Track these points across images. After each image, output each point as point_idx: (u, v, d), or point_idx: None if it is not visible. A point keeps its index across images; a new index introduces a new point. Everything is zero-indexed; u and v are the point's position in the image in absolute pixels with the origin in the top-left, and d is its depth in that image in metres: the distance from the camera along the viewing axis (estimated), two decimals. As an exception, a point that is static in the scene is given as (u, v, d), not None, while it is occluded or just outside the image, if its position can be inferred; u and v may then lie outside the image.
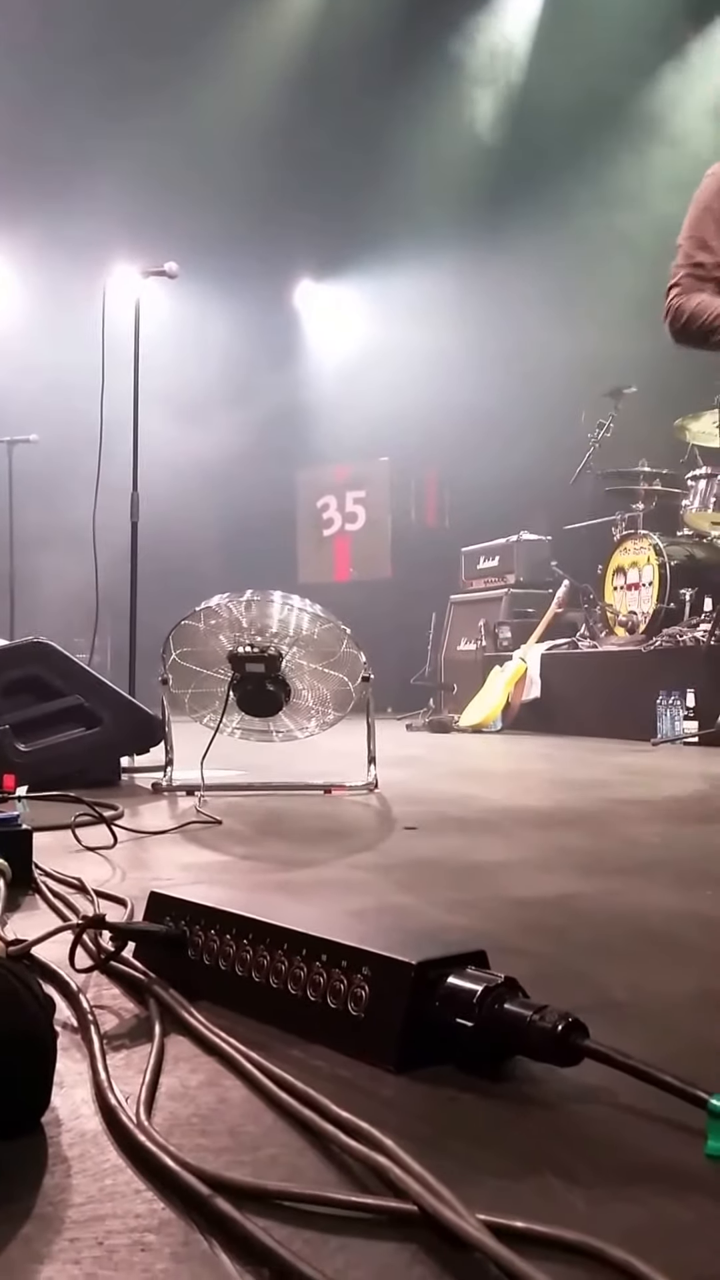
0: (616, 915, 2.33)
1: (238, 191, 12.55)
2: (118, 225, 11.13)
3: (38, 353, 12.10)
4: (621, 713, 8.37)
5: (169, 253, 6.93)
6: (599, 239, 11.55)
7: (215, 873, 2.81)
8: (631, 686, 8.39)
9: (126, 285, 6.98)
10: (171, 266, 6.76)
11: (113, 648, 9.71)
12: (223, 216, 12.50)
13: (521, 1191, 1.06)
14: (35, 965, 1.72)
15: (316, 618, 4.58)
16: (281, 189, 12.80)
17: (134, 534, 6.58)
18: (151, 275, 6.87)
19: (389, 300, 13.90)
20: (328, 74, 12.17)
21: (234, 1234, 0.95)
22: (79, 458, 7.17)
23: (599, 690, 8.95)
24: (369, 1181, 1.06)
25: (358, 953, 1.43)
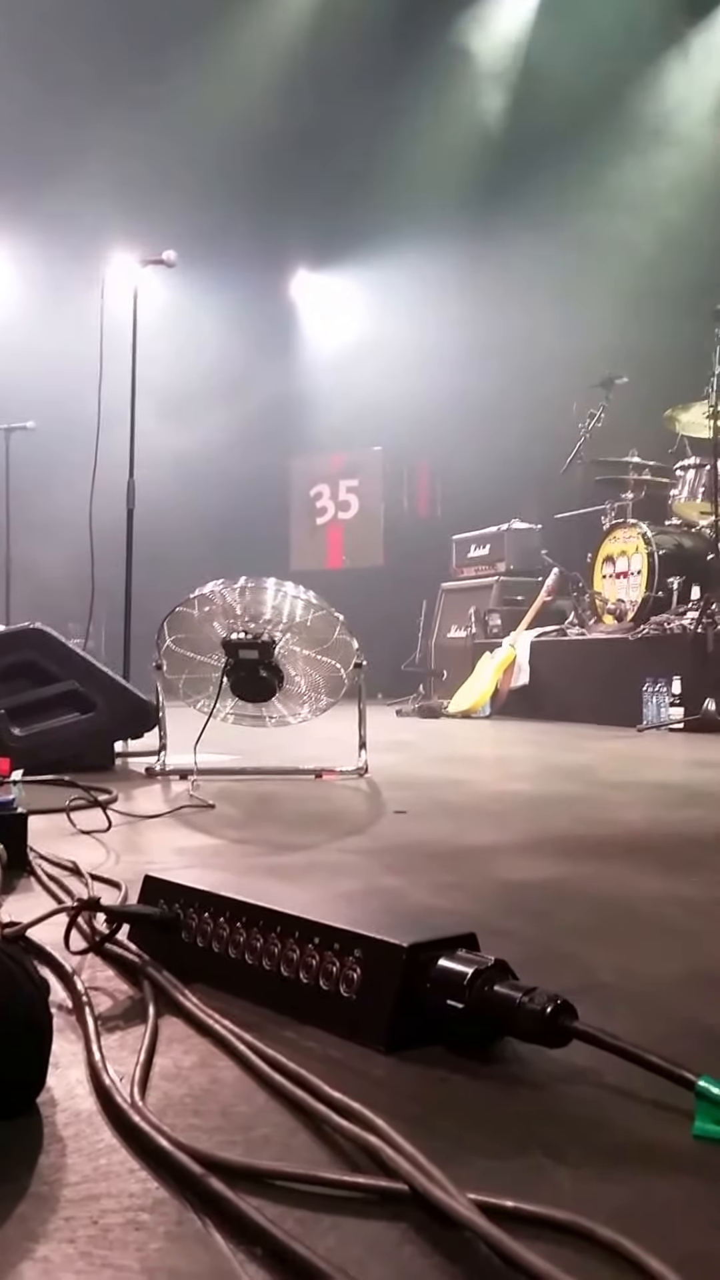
0: (603, 898, 2.34)
1: (235, 182, 12.55)
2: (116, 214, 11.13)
3: (35, 340, 12.09)
4: (608, 699, 8.42)
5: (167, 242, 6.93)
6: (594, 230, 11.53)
7: (208, 856, 2.82)
8: (618, 673, 8.43)
9: (124, 274, 6.97)
10: (170, 255, 6.75)
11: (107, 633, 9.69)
12: (220, 206, 12.50)
13: (510, 1171, 1.07)
14: (30, 947, 1.73)
15: (310, 605, 4.59)
16: (279, 179, 12.80)
17: (129, 521, 6.58)
18: (150, 264, 6.86)
19: (384, 291, 13.89)
20: (326, 64, 12.15)
21: (227, 1213, 0.96)
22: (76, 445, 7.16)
23: (587, 677, 8.98)
24: (360, 1161, 1.07)
25: (350, 935, 1.44)
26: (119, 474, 6.57)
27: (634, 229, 11.29)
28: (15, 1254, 0.91)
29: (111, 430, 6.60)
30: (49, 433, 10.74)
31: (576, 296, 11.48)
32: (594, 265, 11.42)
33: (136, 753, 5.09)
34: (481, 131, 12.52)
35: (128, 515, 6.58)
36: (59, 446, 9.64)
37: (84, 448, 6.67)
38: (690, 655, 7.93)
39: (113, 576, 6.57)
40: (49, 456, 10.56)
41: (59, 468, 9.34)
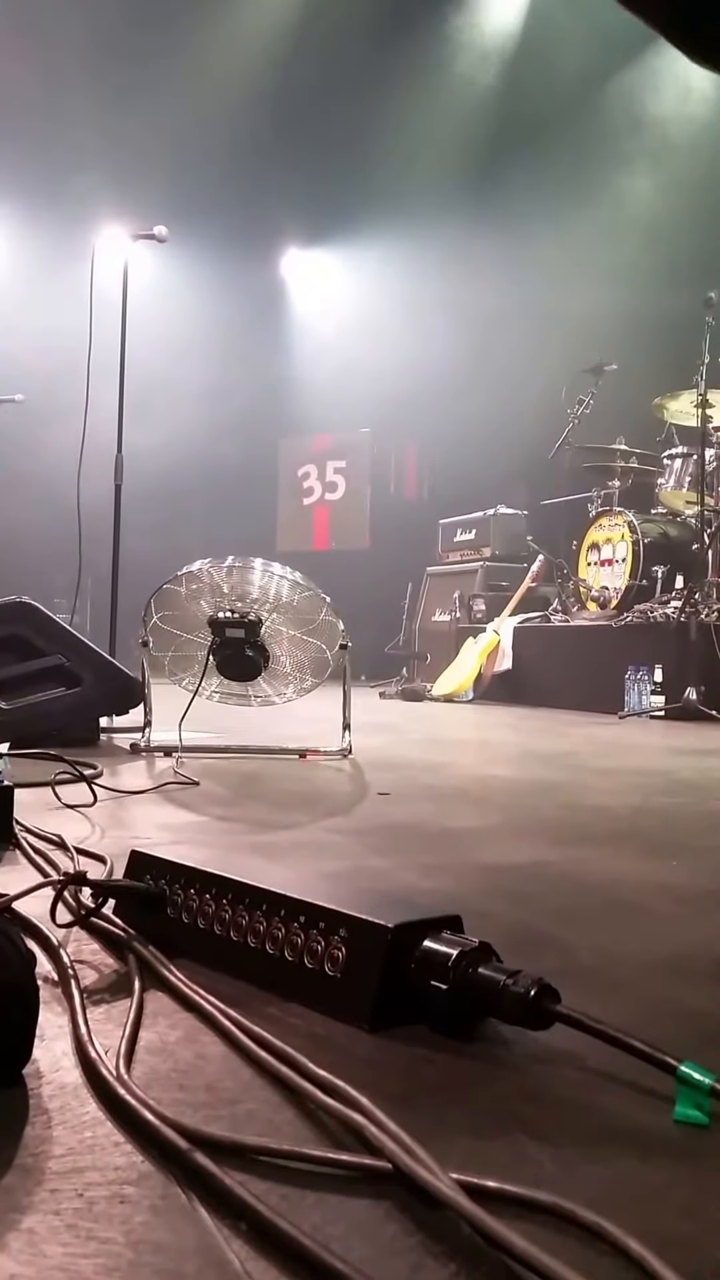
0: (585, 882, 2.36)
1: (227, 158, 12.52)
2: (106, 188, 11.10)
3: (24, 314, 12.06)
4: (590, 686, 8.44)
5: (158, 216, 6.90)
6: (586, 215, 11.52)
7: (193, 833, 2.83)
8: (601, 660, 8.45)
9: (115, 248, 6.94)
10: (161, 230, 6.73)
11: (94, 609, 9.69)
12: (212, 182, 12.47)
13: (492, 1151, 1.08)
14: (16, 919, 1.74)
15: (297, 585, 4.59)
16: (270, 157, 12.76)
17: (117, 496, 6.57)
18: (140, 239, 6.83)
19: (375, 271, 13.87)
20: (319, 41, 12.09)
21: (212, 1188, 0.97)
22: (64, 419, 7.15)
23: (569, 663, 9.01)
24: (344, 1138, 1.07)
25: (335, 915, 1.45)
26: (107, 449, 6.55)
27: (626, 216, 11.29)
28: (1, 1224, 0.91)
29: (100, 405, 6.58)
30: (37, 406, 10.70)
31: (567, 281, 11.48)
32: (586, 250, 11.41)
33: (121, 728, 5.09)
34: (475, 111, 12.49)
35: (115, 491, 6.57)
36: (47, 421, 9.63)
37: (72, 422, 6.66)
38: (673, 644, 7.96)
39: (100, 552, 6.56)
40: (36, 430, 10.55)
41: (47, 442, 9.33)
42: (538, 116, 11.77)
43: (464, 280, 12.34)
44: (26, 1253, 0.87)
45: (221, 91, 12.07)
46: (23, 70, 11.34)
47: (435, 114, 12.61)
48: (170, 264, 11.84)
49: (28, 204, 12.39)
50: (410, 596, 12.20)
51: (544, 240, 11.65)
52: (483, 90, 12.54)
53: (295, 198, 13.47)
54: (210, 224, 12.27)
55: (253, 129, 12.40)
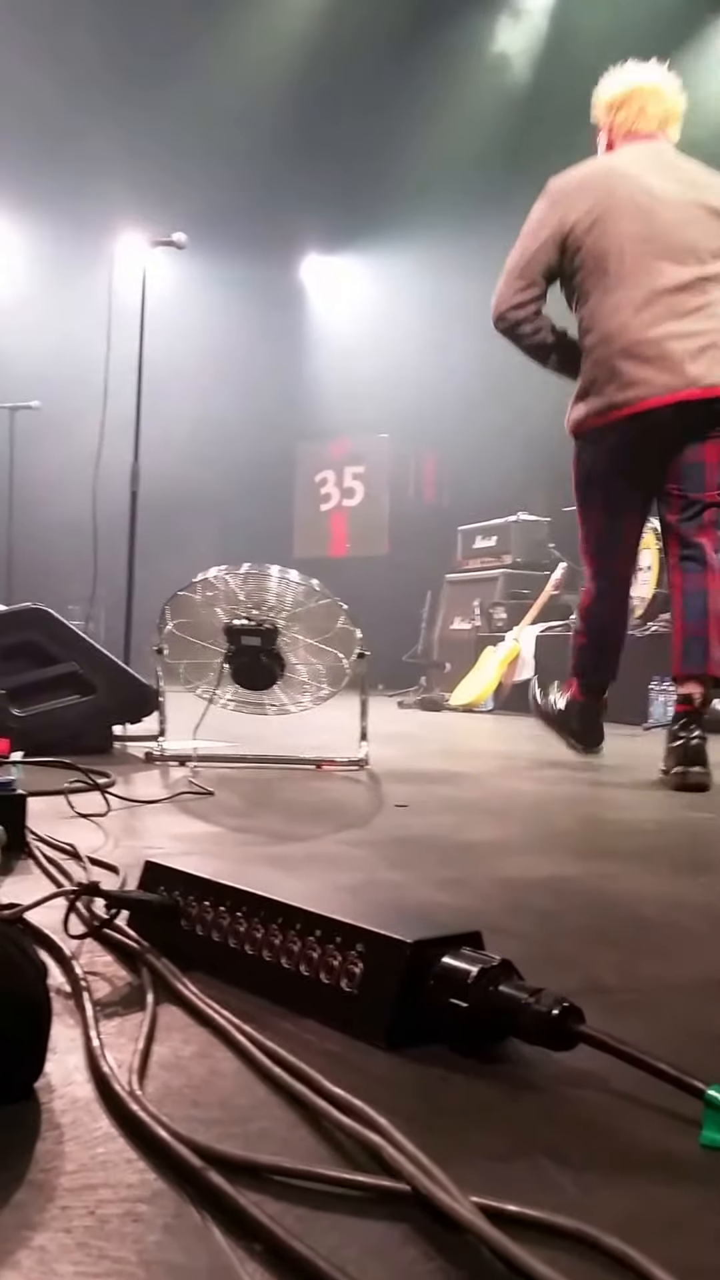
0: (609, 899, 2.33)
1: (246, 163, 12.53)
2: (125, 195, 11.14)
3: (43, 320, 12.10)
4: (614, 696, 8.34)
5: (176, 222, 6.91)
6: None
7: (208, 844, 2.81)
8: (625, 671, 8.34)
9: (133, 254, 6.96)
10: (180, 237, 6.75)
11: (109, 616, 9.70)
12: (231, 187, 12.48)
13: (513, 1174, 1.05)
14: (29, 930, 1.72)
15: (313, 592, 4.58)
16: (290, 162, 12.77)
17: (133, 503, 6.58)
18: (159, 245, 6.85)
19: (394, 276, 13.88)
20: (338, 45, 12.09)
21: (226, 1208, 0.95)
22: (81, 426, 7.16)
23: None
24: (361, 1159, 1.05)
25: (352, 929, 1.42)
26: (123, 456, 6.56)
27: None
28: (12, 1242, 0.89)
29: (117, 412, 6.59)
30: (54, 413, 10.74)
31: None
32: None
33: (135, 737, 5.09)
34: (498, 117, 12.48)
35: (131, 498, 6.58)
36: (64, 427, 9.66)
37: (89, 429, 6.67)
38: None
39: (115, 559, 6.57)
40: (54, 437, 10.58)
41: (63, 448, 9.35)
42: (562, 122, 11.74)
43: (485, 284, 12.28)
44: (37, 1271, 0.86)
45: (240, 97, 12.09)
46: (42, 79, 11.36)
47: (457, 119, 12.61)
48: (189, 270, 11.88)
49: (47, 212, 12.44)
50: (429, 604, 12.18)
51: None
52: (506, 96, 12.54)
53: (314, 203, 13.47)
54: (229, 229, 12.29)
55: (272, 134, 12.41)
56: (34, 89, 11.38)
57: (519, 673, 9.54)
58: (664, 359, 4.45)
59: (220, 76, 12.00)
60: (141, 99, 11.54)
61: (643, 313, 4.51)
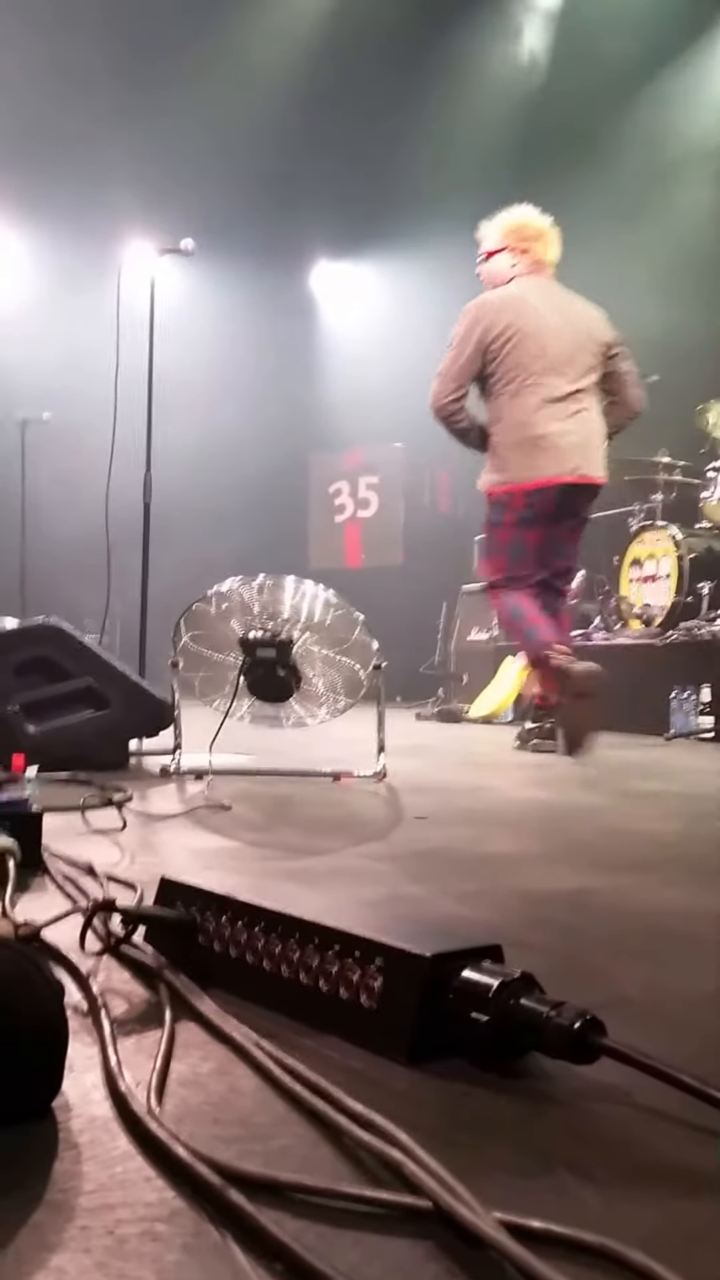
0: (630, 911, 2.31)
1: (255, 169, 12.52)
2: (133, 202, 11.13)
3: (51, 331, 12.09)
4: (634, 707, 8.32)
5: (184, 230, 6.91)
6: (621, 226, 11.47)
7: (225, 859, 2.80)
8: (646, 680, 8.34)
9: (142, 263, 6.95)
10: (188, 244, 6.73)
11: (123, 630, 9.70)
12: (240, 194, 12.47)
13: (536, 1189, 1.05)
14: (45, 948, 1.72)
15: (329, 604, 4.56)
16: (299, 167, 12.75)
17: (146, 515, 6.57)
18: (167, 253, 6.84)
19: (406, 283, 13.85)
20: (347, 52, 12.09)
21: (246, 1226, 0.94)
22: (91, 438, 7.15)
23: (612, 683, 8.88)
24: (382, 1176, 1.05)
25: (371, 944, 1.41)
26: (136, 468, 6.55)
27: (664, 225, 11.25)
28: (31, 1263, 0.89)
29: (128, 423, 6.58)
30: (64, 425, 10.74)
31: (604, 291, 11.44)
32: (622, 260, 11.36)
33: (151, 751, 5.07)
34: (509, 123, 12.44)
35: (144, 510, 6.56)
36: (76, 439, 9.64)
37: (100, 440, 6.66)
38: (721, 663, 7.87)
39: (129, 572, 6.56)
40: (64, 449, 10.57)
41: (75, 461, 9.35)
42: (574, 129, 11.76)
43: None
44: (55, 1292, 0.85)
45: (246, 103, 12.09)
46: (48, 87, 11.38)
47: (468, 125, 12.59)
48: (198, 278, 11.87)
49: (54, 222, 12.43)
50: (446, 615, 12.14)
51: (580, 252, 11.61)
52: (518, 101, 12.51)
53: (323, 209, 13.44)
54: (238, 236, 12.27)
55: (279, 139, 12.39)
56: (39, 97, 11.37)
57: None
58: (554, 450, 5.94)
59: (226, 83, 11.99)
60: (147, 106, 11.53)
61: (538, 414, 5.95)
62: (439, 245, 12.51)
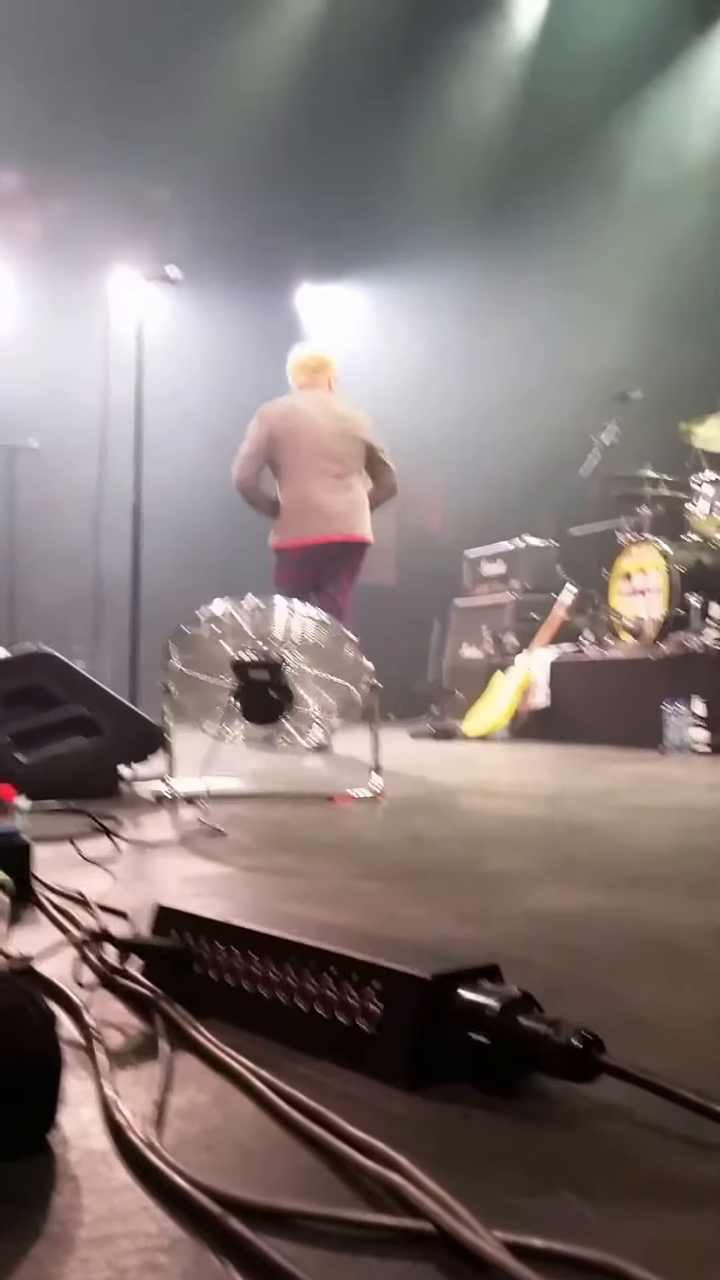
0: (630, 928, 2.30)
1: (238, 194, 12.56)
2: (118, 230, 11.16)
3: (38, 358, 12.10)
4: (629, 720, 8.33)
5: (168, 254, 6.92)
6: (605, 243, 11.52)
7: (220, 884, 2.79)
8: (639, 694, 8.35)
9: (128, 290, 6.97)
10: (173, 271, 6.76)
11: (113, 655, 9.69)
12: (222, 219, 12.52)
13: (538, 1209, 1.04)
14: (37, 980, 1.70)
15: (320, 624, 4.56)
16: (282, 191, 12.80)
17: (135, 539, 6.57)
18: (153, 280, 6.86)
19: (390, 303, 13.91)
20: (329, 76, 12.16)
21: (247, 1253, 0.94)
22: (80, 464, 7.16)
23: (606, 697, 8.89)
24: (383, 1200, 1.04)
25: (368, 966, 1.40)
26: (124, 494, 6.56)
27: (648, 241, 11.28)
28: (31, 1298, 0.88)
29: (116, 449, 6.58)
30: (53, 451, 10.74)
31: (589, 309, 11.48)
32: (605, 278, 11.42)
33: (143, 777, 5.05)
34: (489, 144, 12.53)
35: (133, 534, 6.56)
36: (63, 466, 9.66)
37: (88, 467, 6.66)
38: (713, 675, 7.87)
39: (118, 597, 6.55)
40: (53, 476, 10.57)
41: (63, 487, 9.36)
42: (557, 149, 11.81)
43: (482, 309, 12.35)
44: (56, 1327, 0.84)
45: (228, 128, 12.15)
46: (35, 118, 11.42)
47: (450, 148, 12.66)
48: (183, 303, 11.88)
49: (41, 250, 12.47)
50: (438, 632, 12.15)
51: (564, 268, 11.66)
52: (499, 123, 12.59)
53: (306, 232, 13.48)
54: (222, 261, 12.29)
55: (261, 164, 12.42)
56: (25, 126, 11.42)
57: (533, 699, 9.50)
58: (325, 516, 7.83)
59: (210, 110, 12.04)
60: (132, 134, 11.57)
61: (310, 487, 7.82)
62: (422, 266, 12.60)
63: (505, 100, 12.66)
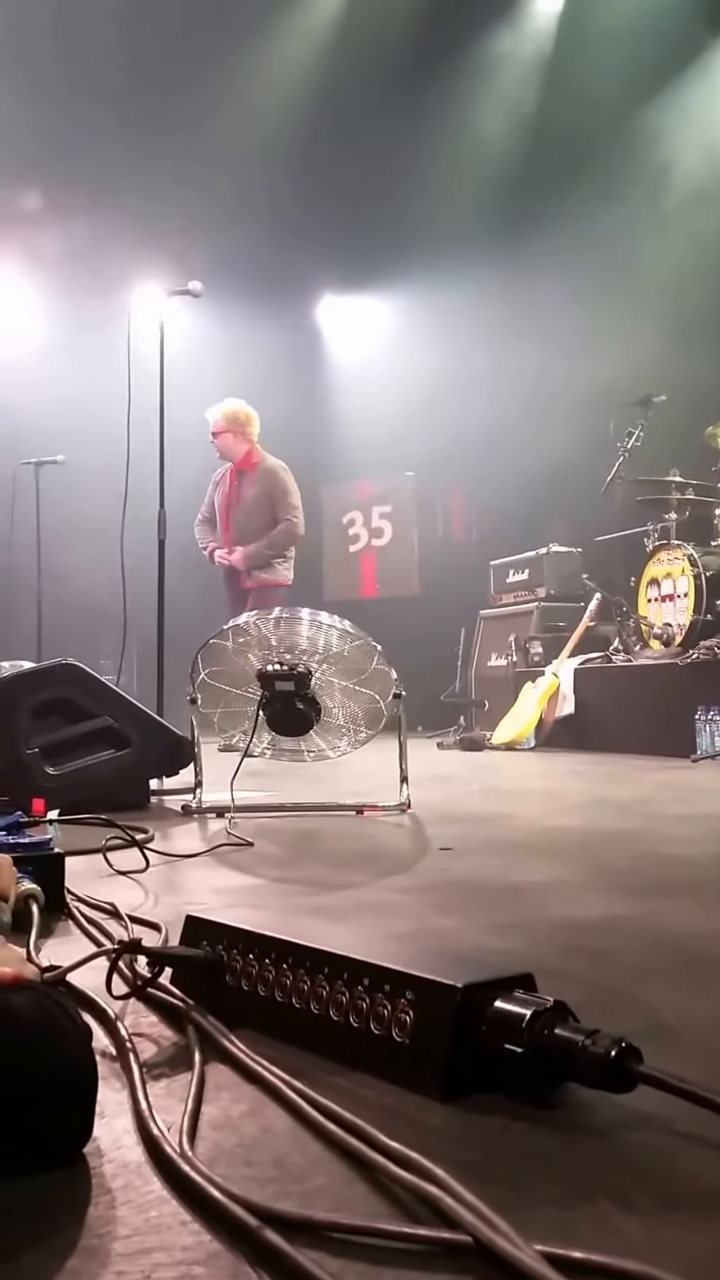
0: (663, 937, 2.28)
1: (259, 206, 12.58)
2: (140, 245, 11.19)
3: (63, 374, 12.14)
4: (659, 728, 8.26)
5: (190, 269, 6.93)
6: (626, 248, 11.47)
7: (249, 896, 2.79)
8: (668, 701, 8.28)
9: (150, 305, 6.97)
10: (195, 285, 6.76)
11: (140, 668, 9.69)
12: (245, 233, 12.53)
13: (576, 1220, 1.03)
14: (71, 992, 1.70)
15: (346, 634, 4.54)
16: (303, 204, 12.80)
17: (161, 552, 6.56)
18: (175, 295, 6.87)
19: (412, 313, 13.90)
20: (348, 88, 12.15)
21: (283, 1266, 0.93)
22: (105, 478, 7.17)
23: (635, 705, 8.83)
24: (420, 1212, 1.03)
25: (401, 976, 1.40)
26: (150, 506, 6.55)
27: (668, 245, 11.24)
28: (66, 1312, 0.88)
29: (141, 462, 6.59)
30: (79, 467, 10.77)
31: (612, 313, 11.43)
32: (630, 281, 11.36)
33: (172, 790, 5.04)
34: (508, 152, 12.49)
35: (159, 546, 6.56)
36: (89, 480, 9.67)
37: (114, 481, 6.67)
38: (747, 681, 7.81)
39: (145, 609, 6.55)
40: (79, 491, 10.60)
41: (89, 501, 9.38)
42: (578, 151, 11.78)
43: (504, 317, 12.32)
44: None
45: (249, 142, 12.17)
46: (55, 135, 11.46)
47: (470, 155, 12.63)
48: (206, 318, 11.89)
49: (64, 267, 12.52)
50: (464, 642, 12.10)
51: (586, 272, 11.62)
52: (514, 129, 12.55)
53: (327, 244, 13.47)
54: (244, 275, 12.31)
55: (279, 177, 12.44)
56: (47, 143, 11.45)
57: (560, 708, 9.46)
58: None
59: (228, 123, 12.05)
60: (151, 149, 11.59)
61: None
62: (444, 274, 12.57)
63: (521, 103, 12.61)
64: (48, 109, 11.33)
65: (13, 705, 4.64)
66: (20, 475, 11.18)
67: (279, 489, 9.53)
